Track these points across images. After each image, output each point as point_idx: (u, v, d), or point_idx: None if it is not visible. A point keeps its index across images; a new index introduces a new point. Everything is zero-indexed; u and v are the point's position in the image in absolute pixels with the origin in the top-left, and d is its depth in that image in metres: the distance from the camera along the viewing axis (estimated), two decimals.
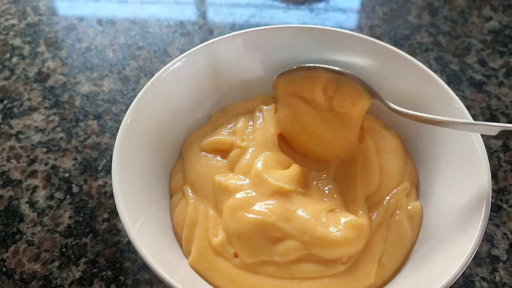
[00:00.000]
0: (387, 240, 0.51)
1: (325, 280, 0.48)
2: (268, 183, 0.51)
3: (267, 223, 0.48)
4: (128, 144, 0.51)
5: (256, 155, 0.54)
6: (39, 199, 0.63)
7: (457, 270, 0.43)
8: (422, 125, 0.57)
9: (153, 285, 0.55)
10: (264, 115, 0.58)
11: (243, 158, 0.54)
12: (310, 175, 0.55)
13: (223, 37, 0.59)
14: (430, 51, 0.80)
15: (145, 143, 0.54)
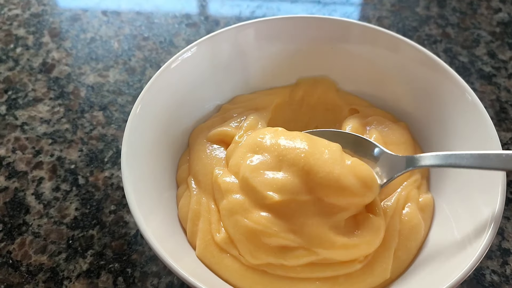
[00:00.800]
0: (400, 232, 0.50)
1: (340, 279, 0.46)
2: (256, 191, 0.47)
3: (267, 233, 0.45)
4: (137, 134, 0.50)
5: (244, 156, 0.50)
6: (45, 190, 0.62)
7: (471, 264, 0.42)
8: (432, 116, 0.57)
9: (161, 277, 0.55)
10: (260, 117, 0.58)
11: (235, 155, 0.52)
12: None
13: (232, 27, 0.58)
14: (438, 43, 0.79)
15: (154, 132, 0.53)
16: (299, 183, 0.46)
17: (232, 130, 0.56)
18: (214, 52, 0.58)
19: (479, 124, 0.50)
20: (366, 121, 0.58)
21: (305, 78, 0.63)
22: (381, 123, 0.58)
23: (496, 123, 0.68)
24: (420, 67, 0.56)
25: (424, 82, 0.56)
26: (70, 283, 0.55)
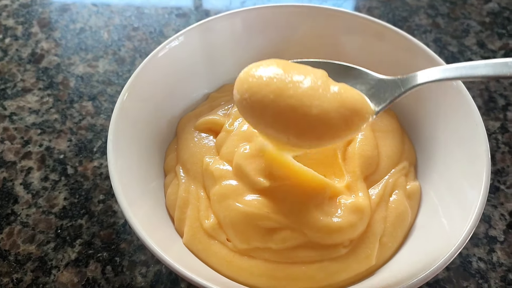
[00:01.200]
0: (387, 219, 0.50)
1: (325, 263, 0.47)
2: (248, 177, 0.49)
3: (259, 215, 0.47)
4: (124, 123, 0.50)
5: (237, 144, 0.52)
6: (34, 180, 0.62)
7: (454, 249, 0.42)
8: (420, 105, 0.57)
9: (150, 266, 0.55)
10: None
11: (227, 143, 0.53)
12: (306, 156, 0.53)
13: (220, 15, 0.58)
14: (428, 33, 0.79)
15: (141, 122, 0.53)
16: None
17: (221, 118, 0.56)
18: (202, 41, 0.58)
19: (465, 111, 0.51)
20: None
21: None
22: None
23: (485, 112, 0.69)
24: (406, 54, 0.57)
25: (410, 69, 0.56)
26: (59, 272, 0.55)
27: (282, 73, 0.44)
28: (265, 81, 0.43)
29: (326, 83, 0.43)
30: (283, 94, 0.42)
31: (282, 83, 0.43)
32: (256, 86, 0.43)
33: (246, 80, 0.44)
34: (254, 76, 0.44)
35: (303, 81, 0.43)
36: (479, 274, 0.55)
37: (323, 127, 0.42)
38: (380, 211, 0.50)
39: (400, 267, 0.48)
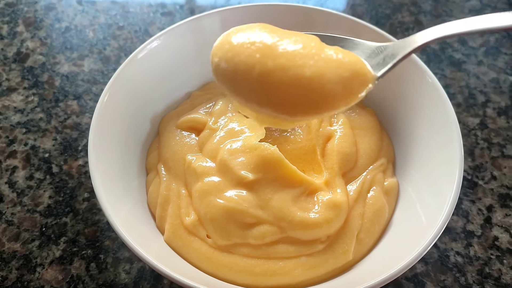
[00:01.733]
0: (364, 216, 0.51)
1: (303, 259, 0.48)
2: (233, 172, 0.50)
3: (239, 210, 0.48)
4: (105, 123, 0.51)
5: (223, 141, 0.53)
6: (19, 179, 0.62)
7: (428, 241, 0.44)
8: (399, 103, 0.58)
9: (133, 263, 0.56)
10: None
11: (211, 140, 0.54)
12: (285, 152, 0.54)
13: (200, 15, 0.59)
14: (411, 30, 0.80)
15: (122, 122, 0.54)
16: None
17: (203, 116, 0.57)
18: (182, 41, 0.58)
19: (440, 109, 0.52)
20: None
21: None
22: (348, 108, 0.58)
23: (465, 109, 0.70)
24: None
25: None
26: (43, 270, 0.55)
27: (269, 32, 0.39)
28: (249, 40, 0.39)
29: (320, 45, 0.39)
30: (271, 53, 0.37)
31: (270, 41, 0.38)
32: (240, 45, 0.39)
33: (227, 41, 0.40)
34: (236, 37, 0.40)
35: (294, 41, 0.38)
36: (456, 267, 0.56)
37: (318, 92, 0.37)
38: (358, 207, 0.51)
39: (377, 261, 0.49)
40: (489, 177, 0.63)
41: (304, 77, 0.37)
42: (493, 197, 0.61)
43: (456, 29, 0.39)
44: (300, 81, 0.37)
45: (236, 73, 0.39)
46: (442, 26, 0.41)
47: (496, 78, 0.73)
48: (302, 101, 0.38)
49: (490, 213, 0.60)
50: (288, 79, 0.37)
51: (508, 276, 0.56)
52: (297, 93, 0.37)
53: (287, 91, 0.37)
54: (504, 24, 0.38)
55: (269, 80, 0.37)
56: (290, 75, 0.37)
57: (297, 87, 0.37)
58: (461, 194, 0.61)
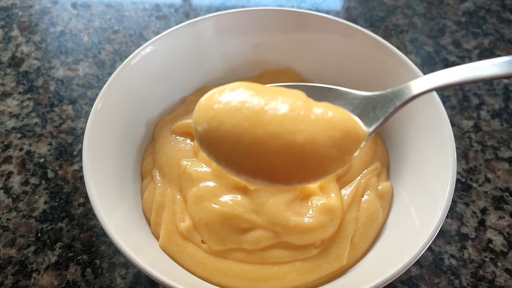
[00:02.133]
0: (358, 220, 0.51)
1: (297, 264, 0.48)
2: (228, 176, 0.50)
3: (233, 215, 0.48)
4: (100, 129, 0.51)
5: None
6: (14, 184, 0.63)
7: (422, 245, 0.44)
8: None
9: (129, 268, 0.56)
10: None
11: None
12: None
13: (194, 21, 0.59)
14: (405, 33, 0.80)
15: (117, 127, 0.54)
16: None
17: None
18: (175, 47, 0.58)
19: (433, 113, 0.52)
20: None
21: (270, 69, 0.64)
22: None
23: (459, 112, 0.70)
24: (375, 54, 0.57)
25: (380, 68, 0.57)
26: (39, 275, 0.56)
27: (254, 95, 0.37)
28: (235, 106, 0.36)
29: (307, 103, 0.37)
30: (259, 120, 0.35)
31: (257, 106, 0.36)
32: (225, 113, 0.36)
33: (211, 107, 0.38)
34: (220, 102, 0.37)
35: (281, 103, 0.36)
36: (450, 270, 0.56)
37: (312, 159, 0.35)
38: (352, 212, 0.51)
39: (372, 266, 0.49)
40: (483, 179, 0.63)
41: (296, 144, 0.35)
42: (487, 200, 0.62)
43: (454, 78, 0.38)
44: (292, 148, 0.35)
45: (223, 144, 0.37)
46: (437, 74, 0.39)
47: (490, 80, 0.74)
48: (296, 170, 0.36)
49: (484, 216, 0.60)
50: (279, 148, 0.35)
51: (502, 279, 0.56)
52: (291, 162, 0.35)
53: (280, 161, 0.35)
54: (505, 72, 0.37)
55: (259, 151, 0.35)
56: (282, 143, 0.35)
57: (290, 155, 0.35)
58: (455, 196, 0.62)
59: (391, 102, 0.40)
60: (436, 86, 0.39)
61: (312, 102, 0.38)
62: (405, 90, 0.40)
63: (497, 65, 0.37)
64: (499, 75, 0.37)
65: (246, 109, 0.36)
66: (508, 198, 0.62)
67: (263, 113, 0.36)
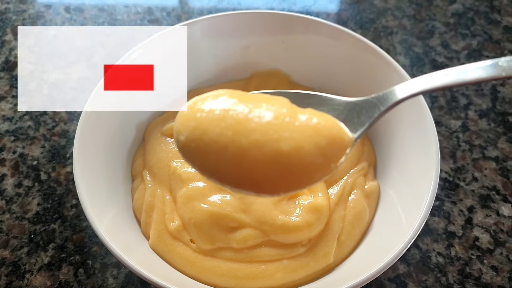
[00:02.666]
0: (345, 219, 0.52)
1: (284, 262, 0.49)
2: None
3: (222, 214, 0.49)
4: (90, 131, 0.52)
5: None
6: (7, 187, 0.63)
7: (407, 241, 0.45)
8: None
9: (121, 268, 0.57)
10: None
11: None
12: None
13: (184, 23, 0.60)
14: (395, 34, 0.81)
15: (107, 128, 0.55)
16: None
17: None
18: (164, 50, 0.59)
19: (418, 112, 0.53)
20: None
21: (259, 71, 0.65)
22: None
23: (447, 112, 0.71)
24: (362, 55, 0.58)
25: (367, 69, 0.58)
26: (32, 276, 0.56)
27: (237, 102, 0.37)
28: (218, 114, 0.36)
29: (292, 110, 0.37)
30: (243, 129, 0.35)
31: (241, 115, 0.36)
32: (208, 122, 0.36)
33: (193, 116, 0.37)
34: (202, 110, 0.37)
35: (265, 110, 0.36)
36: (437, 268, 0.57)
37: (298, 167, 0.35)
38: (339, 211, 0.52)
39: (358, 263, 0.50)
40: (470, 178, 0.64)
41: (282, 152, 0.34)
42: (474, 198, 0.63)
43: (438, 82, 0.38)
44: (277, 157, 0.34)
45: (207, 154, 0.36)
46: (422, 79, 0.39)
47: None
48: (282, 178, 0.35)
49: (471, 214, 0.61)
50: (264, 157, 0.34)
51: (488, 276, 0.57)
52: (276, 171, 0.35)
53: (265, 170, 0.35)
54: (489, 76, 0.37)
55: (244, 160, 0.35)
56: (266, 152, 0.34)
57: (275, 164, 0.35)
58: (443, 195, 0.63)
59: (375, 107, 0.40)
60: (420, 91, 0.39)
61: (296, 109, 0.37)
62: (390, 95, 0.40)
63: (481, 68, 0.37)
64: (483, 79, 0.37)
65: (230, 117, 0.36)
66: (494, 196, 0.63)
67: (247, 122, 0.35)
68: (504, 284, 0.56)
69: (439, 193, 0.63)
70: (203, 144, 0.36)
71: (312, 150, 0.35)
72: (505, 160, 0.66)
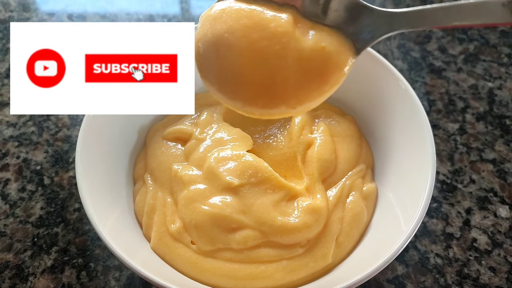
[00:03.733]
0: (343, 220, 0.53)
1: (283, 262, 0.50)
2: (219, 178, 0.51)
3: (222, 216, 0.50)
4: (93, 135, 0.53)
5: (210, 150, 0.55)
6: (11, 191, 0.64)
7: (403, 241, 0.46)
8: (378, 110, 0.60)
9: (123, 270, 0.57)
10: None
11: (197, 150, 0.56)
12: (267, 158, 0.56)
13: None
14: (392, 39, 0.82)
15: (110, 133, 0.56)
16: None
17: (188, 127, 0.59)
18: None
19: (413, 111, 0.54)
20: (315, 114, 0.61)
21: None
22: (329, 116, 0.61)
23: (445, 115, 0.72)
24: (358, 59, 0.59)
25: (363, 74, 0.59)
26: (35, 279, 0.57)
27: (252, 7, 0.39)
28: (233, 12, 0.38)
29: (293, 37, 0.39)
30: (256, 25, 0.38)
31: (256, 17, 0.38)
32: (227, 18, 0.38)
33: (220, 15, 0.39)
34: (217, 12, 0.40)
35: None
36: (436, 269, 0.58)
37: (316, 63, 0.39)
38: (337, 212, 0.53)
39: (356, 263, 0.51)
40: (468, 180, 0.65)
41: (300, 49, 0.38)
42: (472, 200, 0.63)
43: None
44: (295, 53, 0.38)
45: (221, 50, 0.38)
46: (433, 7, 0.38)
47: (475, 84, 0.76)
48: (297, 80, 0.38)
49: (469, 216, 0.62)
50: (279, 53, 0.37)
51: (486, 276, 0.57)
52: (292, 70, 0.38)
53: (280, 69, 0.37)
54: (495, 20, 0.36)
55: (256, 55, 0.37)
56: (283, 48, 0.37)
57: (292, 61, 0.37)
58: (441, 197, 0.63)
59: (383, 26, 0.42)
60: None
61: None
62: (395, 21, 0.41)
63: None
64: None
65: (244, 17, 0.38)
66: (492, 198, 0.63)
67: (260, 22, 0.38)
68: (502, 284, 0.57)
69: (437, 195, 0.63)
70: (216, 39, 0.38)
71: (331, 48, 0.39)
72: (502, 162, 0.67)
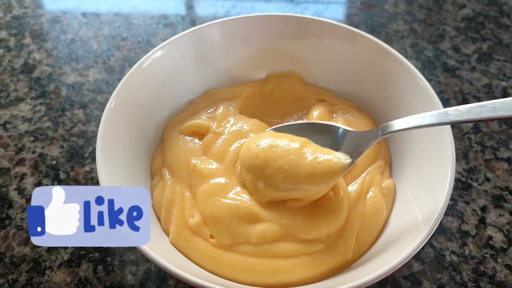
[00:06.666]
0: (363, 216, 0.53)
1: (303, 258, 0.50)
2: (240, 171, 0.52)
3: (242, 208, 0.50)
4: (112, 129, 0.53)
5: (229, 143, 0.56)
6: (27, 186, 0.65)
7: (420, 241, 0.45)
8: (393, 106, 0.60)
9: (139, 265, 0.57)
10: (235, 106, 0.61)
11: (215, 143, 0.56)
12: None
13: (200, 27, 0.61)
14: (406, 38, 0.82)
15: (128, 127, 0.56)
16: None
17: (205, 122, 0.59)
18: (184, 51, 0.61)
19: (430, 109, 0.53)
20: (333, 109, 0.61)
21: (274, 73, 0.66)
22: (346, 111, 0.61)
23: None
24: (376, 57, 0.60)
25: (381, 71, 0.60)
26: (52, 272, 0.57)
27: (274, 140, 0.52)
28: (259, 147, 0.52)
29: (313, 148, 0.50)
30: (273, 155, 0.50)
31: (273, 148, 0.51)
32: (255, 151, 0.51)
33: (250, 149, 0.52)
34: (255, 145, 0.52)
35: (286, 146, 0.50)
36: (452, 266, 0.58)
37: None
38: (358, 208, 0.53)
39: (375, 259, 0.51)
40: (483, 179, 0.65)
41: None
42: (487, 198, 0.63)
43: (429, 120, 0.46)
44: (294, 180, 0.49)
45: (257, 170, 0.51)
46: (416, 117, 0.48)
47: (489, 83, 0.76)
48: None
49: (484, 214, 0.62)
50: (284, 175, 0.50)
51: (502, 274, 0.57)
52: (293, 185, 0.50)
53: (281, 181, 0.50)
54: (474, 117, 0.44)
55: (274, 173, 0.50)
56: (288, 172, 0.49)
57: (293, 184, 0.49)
58: (456, 195, 0.63)
59: (367, 139, 0.50)
60: (412, 126, 0.48)
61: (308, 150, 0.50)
62: (382, 129, 0.50)
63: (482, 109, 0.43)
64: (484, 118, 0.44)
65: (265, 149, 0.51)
66: (507, 196, 0.63)
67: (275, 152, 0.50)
68: None
69: (452, 193, 0.62)
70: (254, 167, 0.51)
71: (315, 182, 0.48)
72: None
